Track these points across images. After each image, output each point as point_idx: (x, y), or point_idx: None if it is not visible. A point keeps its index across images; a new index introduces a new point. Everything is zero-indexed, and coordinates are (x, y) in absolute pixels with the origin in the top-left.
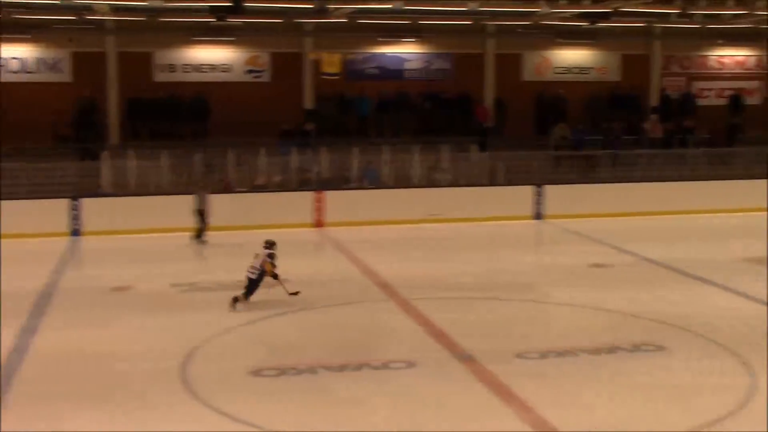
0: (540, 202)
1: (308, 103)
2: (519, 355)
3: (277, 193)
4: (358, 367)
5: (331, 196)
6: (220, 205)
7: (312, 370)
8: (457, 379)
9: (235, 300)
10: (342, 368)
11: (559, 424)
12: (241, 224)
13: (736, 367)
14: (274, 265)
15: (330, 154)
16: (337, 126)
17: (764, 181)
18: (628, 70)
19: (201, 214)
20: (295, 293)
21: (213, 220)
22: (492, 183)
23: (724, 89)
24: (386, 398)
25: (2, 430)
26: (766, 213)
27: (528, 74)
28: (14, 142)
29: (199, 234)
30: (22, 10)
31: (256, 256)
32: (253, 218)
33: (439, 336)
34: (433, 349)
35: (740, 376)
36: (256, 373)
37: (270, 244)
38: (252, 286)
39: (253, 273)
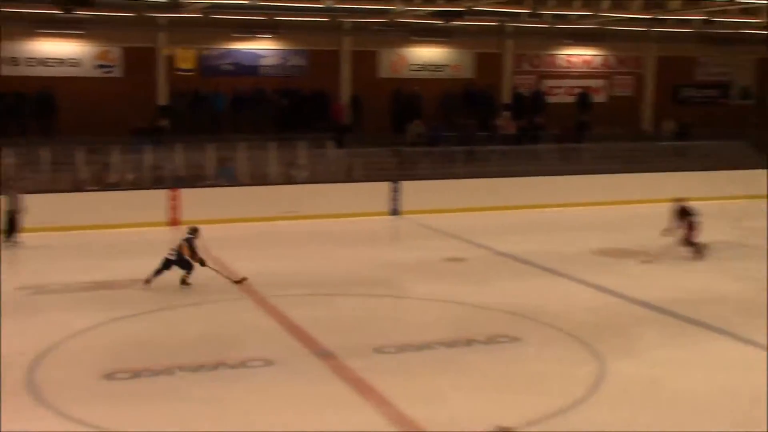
0: (396, 198)
1: (162, 99)
2: (377, 350)
3: (130, 191)
4: (215, 366)
5: (187, 194)
6: (69, 204)
7: (168, 371)
8: (316, 376)
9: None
10: (198, 368)
11: (418, 417)
12: (92, 223)
13: (586, 355)
14: (193, 251)
15: (185, 152)
16: (192, 123)
17: (611, 176)
18: (481, 67)
19: (11, 214)
20: (241, 281)
21: (62, 219)
22: (349, 180)
23: (572, 87)
24: (244, 397)
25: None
26: (613, 206)
27: (384, 71)
28: None
29: (9, 235)
30: None
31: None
32: (105, 217)
33: (298, 333)
34: (291, 347)
35: (590, 364)
36: (109, 376)
37: (192, 230)
38: (164, 266)
39: (171, 255)
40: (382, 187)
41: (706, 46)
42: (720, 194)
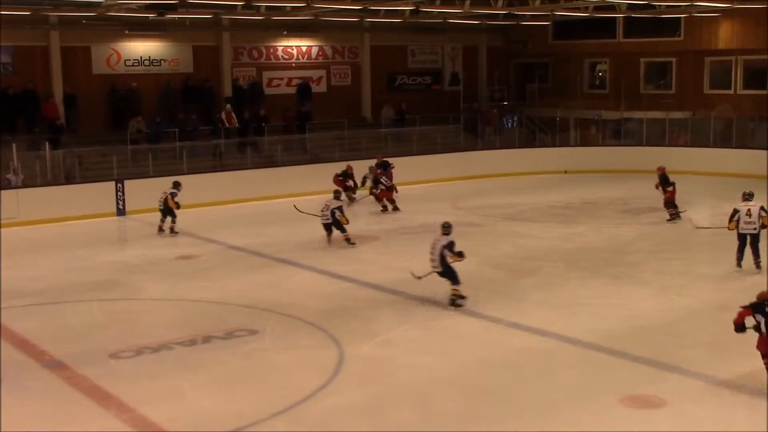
0: (121, 197)
1: None
2: (113, 356)
3: None
4: None
5: None
6: None
7: None
8: (47, 388)
9: None
10: None
11: (161, 419)
12: None
13: (325, 340)
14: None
15: None
16: None
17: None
18: (199, 61)
19: None
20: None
21: None
22: (69, 181)
23: (292, 78)
24: None
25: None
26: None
27: (98, 67)
28: None
29: None
30: None
31: None
32: None
33: (24, 346)
34: (17, 361)
35: (329, 349)
36: None
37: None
38: None
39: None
40: (106, 187)
41: (416, 35)
42: (438, 176)
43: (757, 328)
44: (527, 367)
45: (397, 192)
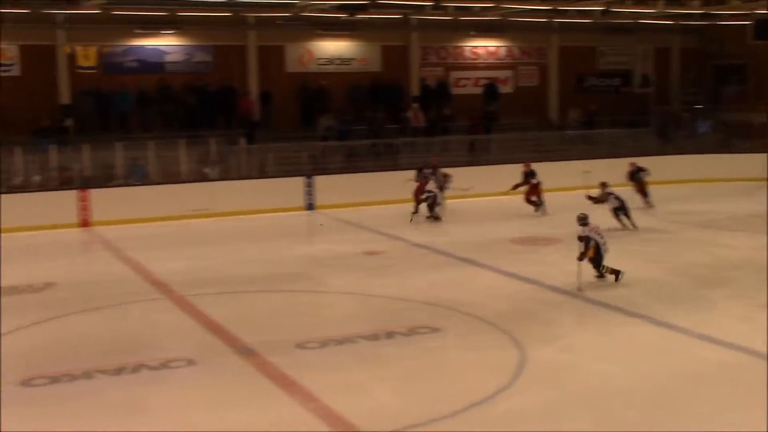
0: (311, 192)
1: (64, 98)
2: (299, 346)
3: (37, 193)
4: (136, 368)
5: (96, 195)
6: None
7: (87, 375)
8: (239, 374)
9: None
10: (119, 371)
11: (344, 410)
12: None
13: (506, 342)
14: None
15: (92, 151)
16: (98, 122)
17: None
18: (388, 60)
19: None
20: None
21: None
22: (262, 175)
23: (479, 78)
24: (167, 398)
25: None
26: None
27: (291, 66)
28: None
29: None
30: None
31: None
32: (13, 220)
33: (218, 331)
34: (212, 345)
35: (510, 351)
36: (26, 383)
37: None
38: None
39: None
40: (296, 182)
41: (606, 35)
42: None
43: None
44: (715, 382)
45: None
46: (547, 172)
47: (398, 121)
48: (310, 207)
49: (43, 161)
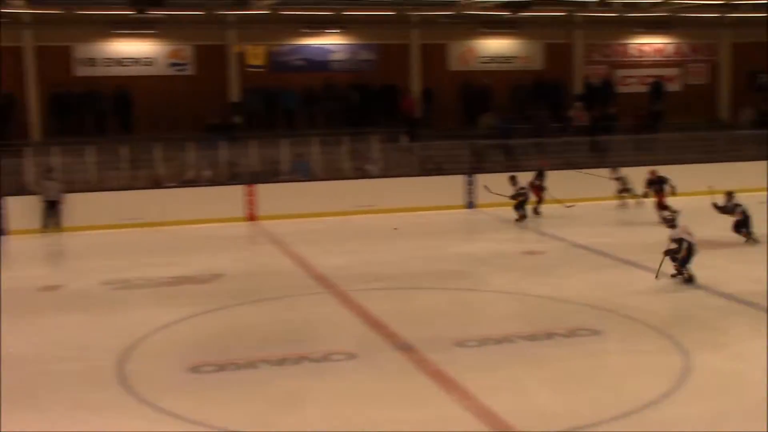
0: (471, 191)
1: (234, 96)
2: (458, 344)
3: (207, 187)
4: (298, 360)
5: (263, 189)
6: (148, 200)
7: (252, 364)
8: (398, 370)
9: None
10: (282, 362)
11: (501, 410)
12: (171, 219)
13: (670, 347)
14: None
15: (259, 148)
16: (265, 119)
17: (690, 166)
18: (551, 58)
19: (52, 206)
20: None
21: (141, 216)
22: (422, 173)
23: (645, 77)
24: (327, 390)
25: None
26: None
27: (453, 64)
28: None
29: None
30: None
31: None
32: (183, 213)
33: (378, 327)
34: (372, 340)
35: (674, 356)
36: (195, 369)
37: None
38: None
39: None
40: (457, 180)
41: None
42: None
43: None
44: None
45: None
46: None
47: (561, 120)
48: (471, 205)
49: (213, 157)
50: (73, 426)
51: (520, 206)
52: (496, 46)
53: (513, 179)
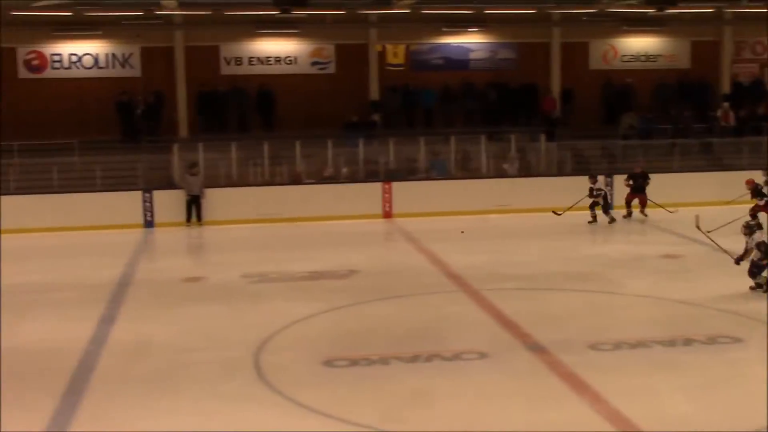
0: (609, 192)
1: (373, 94)
2: (592, 347)
3: (345, 184)
4: (430, 357)
5: (399, 187)
6: (290, 196)
7: (384, 360)
8: (529, 370)
9: None
10: (414, 359)
11: (633, 415)
12: (309, 215)
13: None
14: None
15: (396, 146)
16: (403, 117)
17: None
18: (697, 56)
19: (194, 201)
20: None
21: (281, 211)
22: (560, 173)
23: None
24: (458, 389)
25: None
26: None
27: (594, 63)
28: (88, 135)
29: (189, 219)
30: (93, 6)
31: None
32: (321, 209)
33: (510, 326)
34: (504, 340)
35: None
36: (328, 363)
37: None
38: None
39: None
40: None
41: None
42: None
43: None
44: None
45: None
46: None
47: (706, 121)
48: (609, 207)
49: (351, 154)
50: (207, 413)
51: (593, 207)
52: (639, 44)
53: (593, 178)
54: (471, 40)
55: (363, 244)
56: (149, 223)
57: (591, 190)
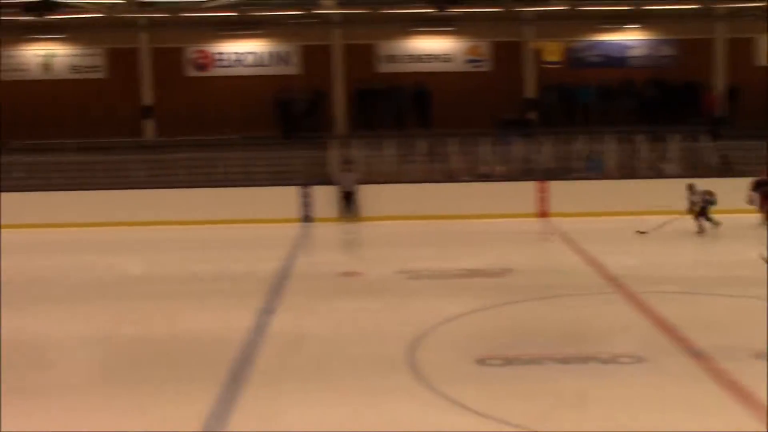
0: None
1: (529, 92)
2: (757, 356)
3: (500, 182)
4: (585, 359)
5: (555, 186)
6: (445, 194)
7: (537, 361)
8: (688, 376)
9: None
10: (568, 360)
11: None
12: (463, 213)
13: None
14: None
15: (552, 144)
16: (559, 115)
17: None
18: None
19: (348, 197)
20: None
21: (443, 209)
22: (722, 174)
23: None
24: (612, 392)
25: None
26: None
27: (762, 59)
28: (250, 131)
29: (346, 213)
30: (256, 6)
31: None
32: (476, 207)
33: (669, 331)
34: (661, 345)
35: None
36: (481, 361)
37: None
38: None
39: None
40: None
41: None
42: None
43: None
44: None
45: None
46: None
47: None
48: None
49: (507, 152)
50: (360, 407)
51: (698, 217)
52: None
53: (691, 187)
54: (630, 37)
55: (518, 243)
56: (307, 218)
57: (692, 203)
